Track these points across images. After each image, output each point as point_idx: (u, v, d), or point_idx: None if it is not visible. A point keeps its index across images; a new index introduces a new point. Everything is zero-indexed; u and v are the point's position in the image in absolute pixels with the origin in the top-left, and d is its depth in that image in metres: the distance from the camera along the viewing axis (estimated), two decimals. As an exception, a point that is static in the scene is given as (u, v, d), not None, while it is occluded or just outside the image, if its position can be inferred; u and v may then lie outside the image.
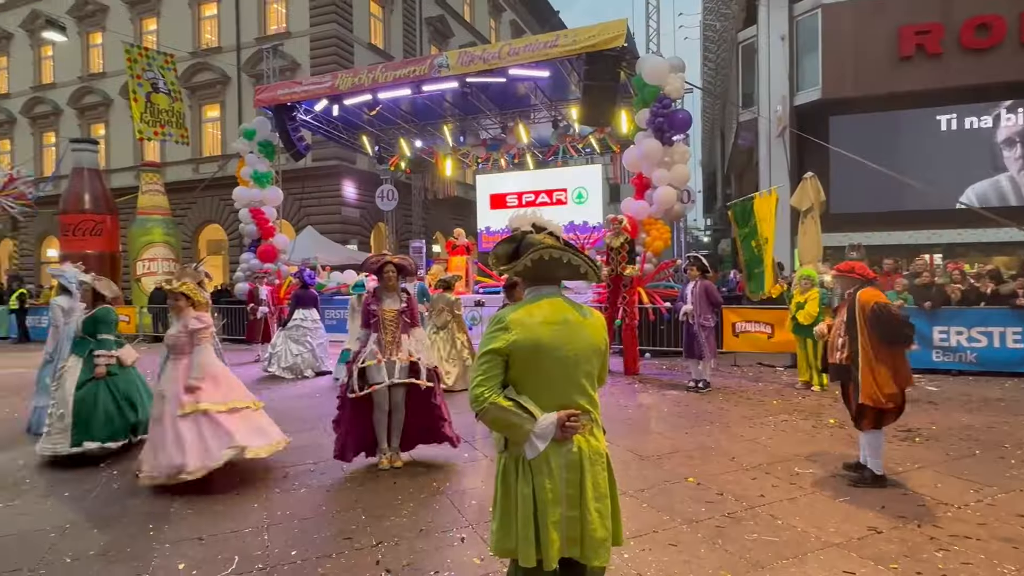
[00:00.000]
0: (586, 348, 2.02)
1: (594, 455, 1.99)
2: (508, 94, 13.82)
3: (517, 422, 1.92)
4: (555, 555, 1.92)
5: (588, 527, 1.94)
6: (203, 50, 20.96)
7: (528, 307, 2.02)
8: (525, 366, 1.96)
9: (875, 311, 3.87)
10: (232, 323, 13.52)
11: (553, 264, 1.99)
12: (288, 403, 7.09)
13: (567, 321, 2.01)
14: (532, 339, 1.94)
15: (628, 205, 10.65)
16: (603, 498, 1.99)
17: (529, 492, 1.94)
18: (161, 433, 4.11)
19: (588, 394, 2.03)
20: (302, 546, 3.27)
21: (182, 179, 20.66)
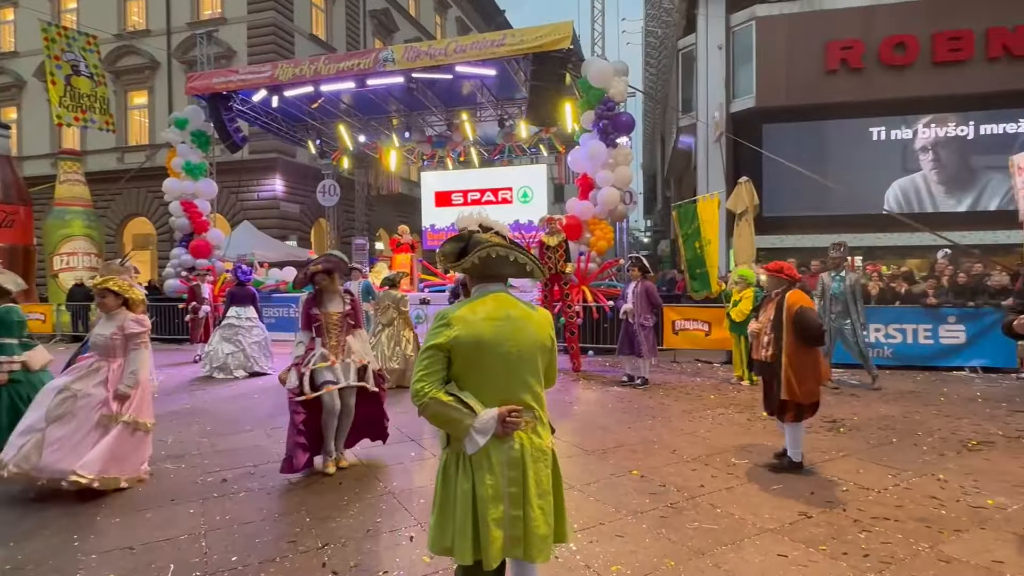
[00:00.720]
0: (530, 345, 2.03)
1: (537, 452, 2.00)
2: (454, 91, 13.76)
3: (457, 417, 1.91)
4: (496, 554, 1.90)
5: (531, 524, 1.94)
6: (129, 33, 19.79)
7: (472, 304, 2.04)
8: (467, 362, 1.97)
9: (798, 314, 4.11)
10: (161, 322, 12.85)
11: (499, 262, 2.02)
12: (222, 405, 6.80)
13: (510, 317, 2.02)
14: (474, 335, 1.95)
15: (573, 205, 10.82)
16: (546, 495, 2.00)
17: (469, 488, 1.93)
18: (66, 434, 3.80)
19: (532, 391, 2.04)
20: (243, 551, 3.15)
21: (106, 169, 19.42)
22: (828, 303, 7.59)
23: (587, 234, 10.61)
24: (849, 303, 7.48)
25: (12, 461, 3.69)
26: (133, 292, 4.19)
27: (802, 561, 2.99)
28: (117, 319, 4.08)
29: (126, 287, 4.15)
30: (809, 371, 4.15)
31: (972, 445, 4.94)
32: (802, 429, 4.41)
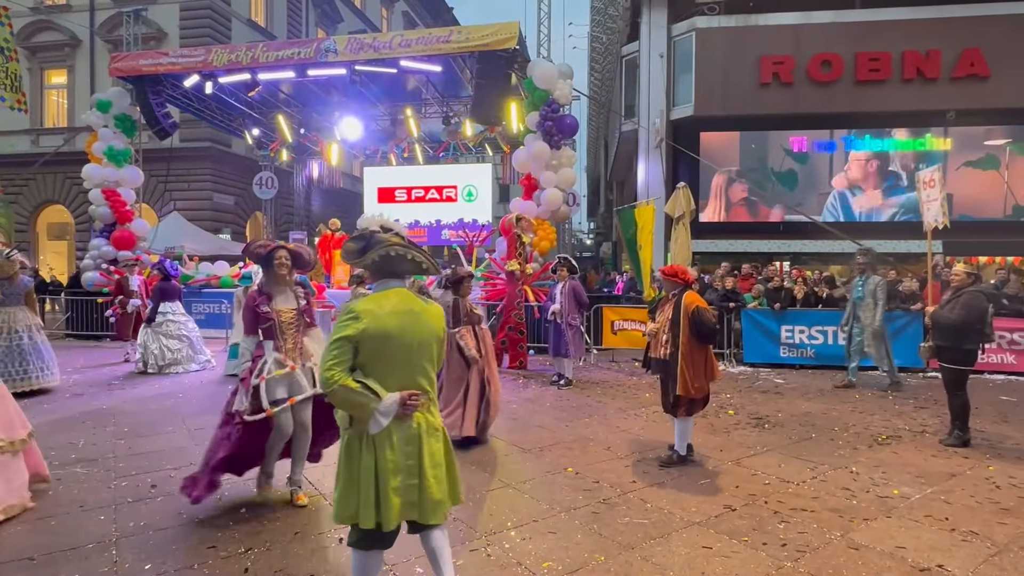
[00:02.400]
0: (427, 335, 2.30)
1: (431, 429, 2.28)
2: (399, 86, 13.56)
3: (363, 401, 2.14)
4: (393, 518, 2.17)
5: (426, 492, 2.22)
6: (47, 6, 18.45)
7: (377, 298, 2.27)
8: (373, 352, 2.19)
9: (695, 313, 4.33)
10: (78, 316, 12.04)
11: (398, 260, 2.28)
12: (142, 404, 6.43)
13: (411, 311, 2.28)
14: (380, 327, 2.18)
15: (517, 205, 10.86)
16: (439, 466, 2.28)
17: (371, 463, 2.17)
18: None
19: (428, 375, 2.31)
20: (158, 559, 2.99)
21: (17, 152, 18.05)
22: (852, 308, 7.76)
23: (530, 234, 10.67)
24: (869, 306, 7.56)
25: None
26: None
27: (725, 552, 3.10)
28: None
29: None
30: (702, 368, 4.40)
31: (882, 439, 5.27)
32: (691, 424, 4.67)
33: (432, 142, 16.96)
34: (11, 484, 3.51)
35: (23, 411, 3.93)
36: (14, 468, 3.58)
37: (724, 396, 7.04)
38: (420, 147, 16.97)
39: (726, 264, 10.96)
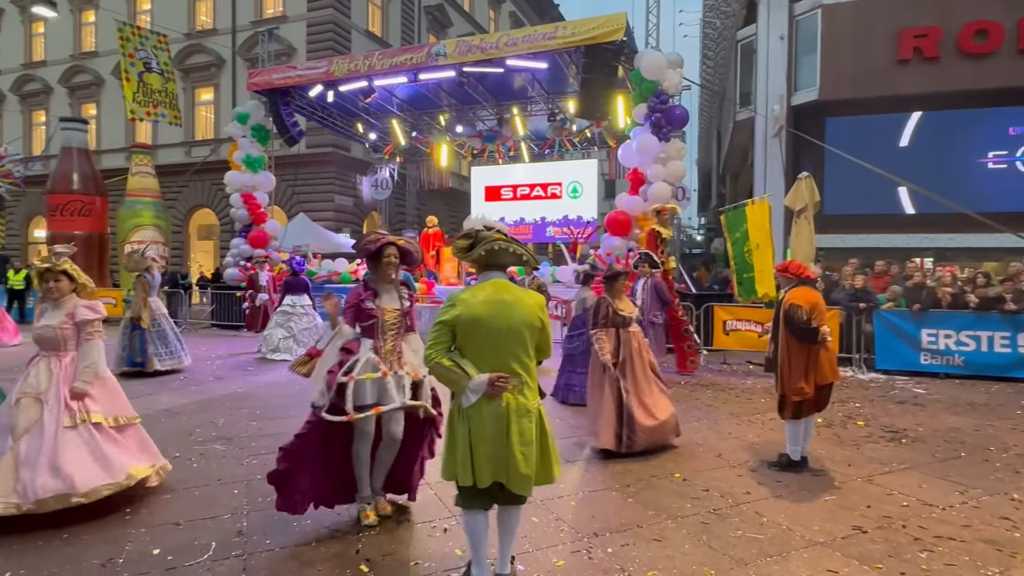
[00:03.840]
0: (519, 323, 2.49)
1: (521, 410, 2.47)
2: (505, 85, 13.72)
3: (455, 378, 2.45)
4: (485, 478, 2.46)
5: (512, 463, 2.43)
6: (198, 32, 20.69)
7: (475, 289, 2.56)
8: (466, 335, 2.48)
9: (788, 311, 4.12)
10: (221, 308, 13.40)
11: (501, 253, 2.55)
12: (272, 390, 7.01)
13: (504, 301, 2.49)
14: (472, 314, 2.46)
15: (623, 201, 10.62)
16: (528, 444, 2.46)
17: (465, 432, 2.47)
18: (39, 447, 3.26)
19: (520, 360, 2.50)
20: (281, 533, 3.22)
21: (174, 162, 20.42)
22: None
23: (636, 230, 10.39)
24: None
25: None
26: (82, 277, 3.64)
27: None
28: (66, 307, 3.51)
29: (77, 270, 3.63)
30: (802, 369, 4.13)
31: (1053, 464, 4.55)
32: (801, 428, 4.31)
33: (537, 139, 17.02)
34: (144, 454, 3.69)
35: (169, 390, 4.37)
36: (143, 439, 3.77)
37: (853, 405, 6.43)
38: (526, 145, 17.09)
39: (854, 260, 10.01)
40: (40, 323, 3.52)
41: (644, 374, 4.81)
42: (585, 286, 6.98)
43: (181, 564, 2.89)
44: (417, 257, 3.53)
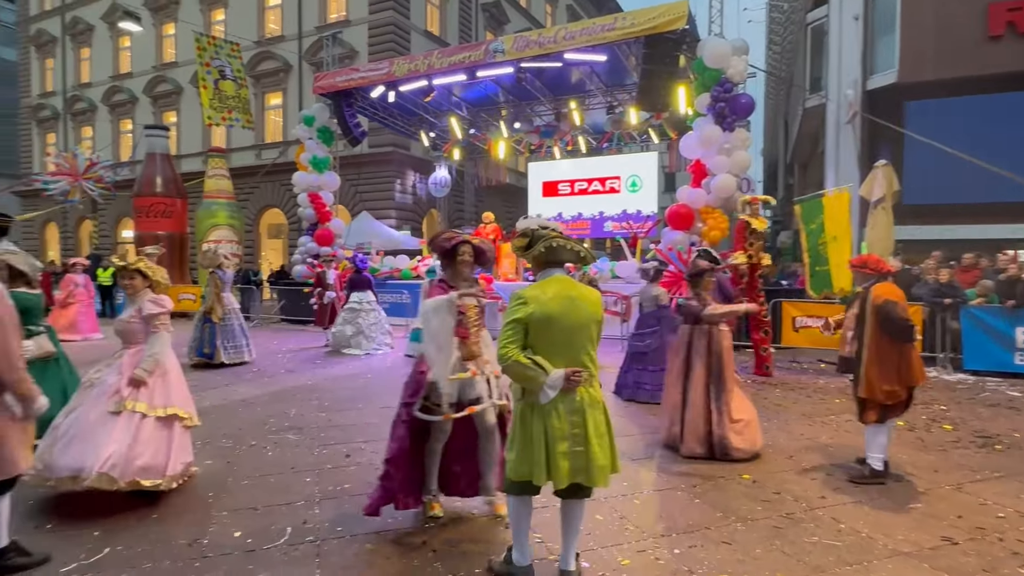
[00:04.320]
0: (586, 318, 2.56)
1: (593, 402, 2.52)
2: (563, 79, 13.62)
3: (533, 375, 2.44)
4: (563, 478, 2.45)
5: (592, 457, 2.46)
6: (267, 39, 21.59)
7: (542, 285, 2.59)
8: (539, 332, 2.49)
9: (883, 307, 3.84)
10: (289, 304, 13.98)
11: (559, 250, 2.60)
12: (339, 382, 7.25)
13: (571, 297, 2.55)
14: (545, 311, 2.48)
15: (685, 193, 10.34)
16: (602, 435, 2.52)
17: (541, 430, 2.46)
18: (74, 426, 3.39)
19: (589, 354, 2.57)
20: (351, 521, 3.33)
21: (245, 164, 21.42)
22: None
23: (699, 224, 10.10)
24: None
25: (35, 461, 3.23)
26: (157, 274, 3.79)
27: (944, 592, 2.63)
28: (139, 302, 3.70)
29: (154, 268, 3.79)
30: (893, 370, 3.85)
31: None
32: (885, 433, 4.03)
33: (595, 133, 16.82)
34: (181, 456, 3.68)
35: (244, 382, 4.58)
36: (185, 442, 3.78)
37: (937, 407, 6.03)
38: (583, 139, 16.93)
39: (937, 253, 9.36)
40: (120, 318, 3.74)
41: (730, 375, 4.57)
42: (653, 282, 6.83)
43: (260, 547, 3.03)
44: (490, 256, 3.48)
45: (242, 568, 2.82)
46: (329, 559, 2.92)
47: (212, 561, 2.89)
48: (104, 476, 3.27)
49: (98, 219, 26.21)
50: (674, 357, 4.72)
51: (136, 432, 3.44)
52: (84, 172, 17.26)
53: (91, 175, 17.46)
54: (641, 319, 6.75)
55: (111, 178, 18.18)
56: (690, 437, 4.42)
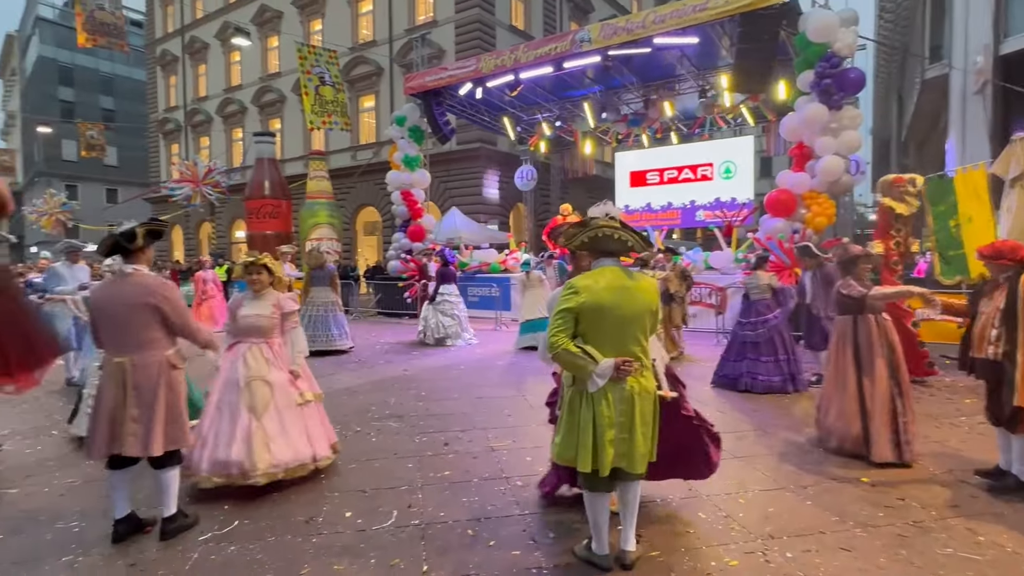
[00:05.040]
0: (640, 308, 2.56)
1: (643, 392, 2.56)
2: (652, 65, 13.25)
3: (582, 364, 2.47)
4: (608, 464, 2.52)
5: (635, 445, 2.54)
6: (360, 44, 22.59)
7: (594, 275, 2.59)
8: (590, 322, 2.51)
9: None
10: (386, 298, 14.61)
11: (605, 240, 2.60)
12: (433, 373, 7.48)
13: (624, 287, 2.55)
14: (596, 301, 2.50)
15: (786, 178, 9.76)
16: (647, 424, 2.58)
17: (590, 417, 2.51)
18: (276, 424, 3.67)
19: (641, 344, 2.58)
20: (452, 507, 3.43)
21: (342, 166, 22.57)
22: None
23: (802, 210, 9.49)
24: None
25: (261, 472, 3.52)
26: (279, 270, 3.99)
27: (1113, 619, 2.31)
28: (268, 298, 3.86)
29: (276, 265, 3.98)
30: None
31: None
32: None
33: (686, 119, 16.23)
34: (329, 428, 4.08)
35: (346, 371, 4.82)
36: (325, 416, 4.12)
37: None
38: (673, 126, 16.39)
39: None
40: (246, 313, 3.78)
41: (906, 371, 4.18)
42: (757, 270, 6.51)
43: (369, 527, 3.19)
44: None
45: (355, 546, 2.98)
46: (434, 542, 3.02)
47: (327, 538, 3.08)
48: (325, 458, 3.84)
49: (215, 221, 28.70)
50: (840, 353, 4.26)
51: (314, 418, 3.93)
52: (203, 178, 18.91)
53: (209, 181, 19.11)
54: (749, 308, 6.46)
55: (226, 183, 19.80)
56: (881, 441, 4.00)
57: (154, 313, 3.01)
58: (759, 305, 6.32)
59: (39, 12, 44.13)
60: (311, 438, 3.80)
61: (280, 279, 3.99)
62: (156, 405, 2.99)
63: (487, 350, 9.27)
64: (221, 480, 3.54)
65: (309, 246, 13.37)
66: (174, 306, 3.06)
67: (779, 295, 6.31)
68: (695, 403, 3.44)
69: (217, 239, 28.91)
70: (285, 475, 3.61)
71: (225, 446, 3.54)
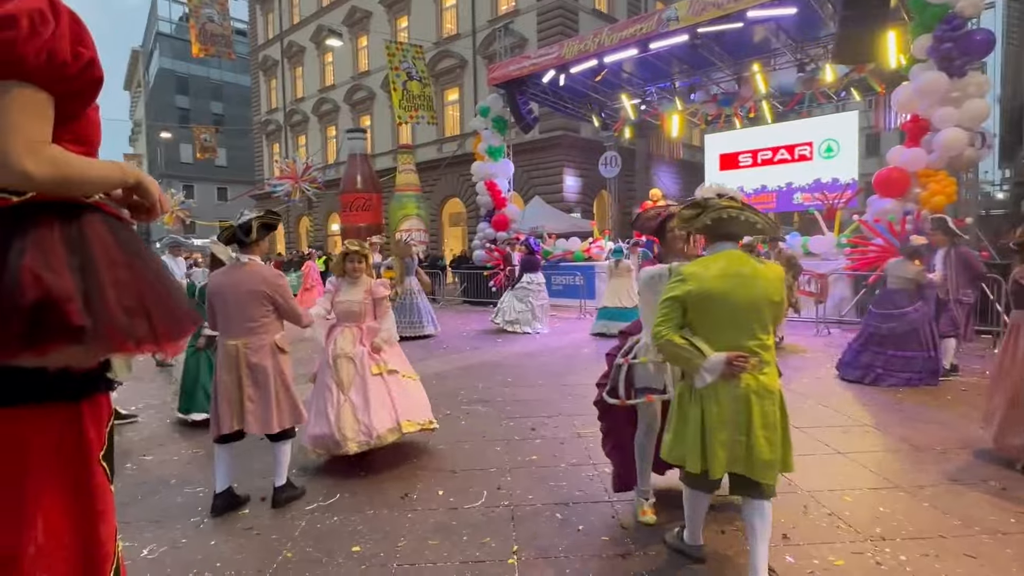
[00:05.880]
0: (758, 298, 2.29)
1: (763, 391, 2.27)
2: (744, 41, 12.55)
3: (687, 356, 2.28)
4: (718, 467, 2.28)
5: (755, 450, 2.25)
6: (444, 39, 23.03)
7: (706, 261, 2.37)
8: (698, 312, 2.31)
9: None
10: (471, 287, 14.92)
11: (730, 221, 2.32)
12: (518, 359, 7.56)
13: (740, 274, 2.29)
14: (705, 289, 2.28)
15: (898, 155, 8.99)
16: (772, 428, 2.27)
17: (698, 414, 2.31)
18: (362, 397, 3.83)
19: (758, 338, 2.30)
20: (540, 491, 3.46)
21: (428, 159, 23.19)
22: None
23: (916, 189, 8.71)
24: None
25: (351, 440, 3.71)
26: (372, 259, 4.18)
27: None
28: (362, 285, 4.04)
29: (368, 252, 4.15)
30: None
31: None
32: None
33: (782, 96, 15.28)
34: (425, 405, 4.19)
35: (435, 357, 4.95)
36: (423, 393, 4.27)
37: None
38: (768, 104, 15.49)
39: None
40: (341, 299, 4.00)
41: None
42: (911, 259, 5.95)
43: (460, 506, 3.29)
44: None
45: (447, 524, 3.09)
46: (523, 524, 3.06)
47: (421, 513, 3.21)
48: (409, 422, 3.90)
49: (312, 216, 30.42)
50: (1011, 350, 3.78)
51: (404, 386, 4.04)
52: (302, 175, 20.08)
53: (307, 177, 20.26)
54: (885, 297, 5.98)
55: (322, 179, 20.92)
56: None
57: (266, 300, 3.27)
58: (897, 296, 5.80)
59: (159, 28, 48.42)
60: (397, 408, 3.88)
61: (371, 266, 4.17)
62: (270, 385, 3.25)
63: (571, 338, 9.25)
64: (321, 452, 3.80)
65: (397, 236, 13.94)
66: (283, 293, 3.32)
67: (923, 288, 5.79)
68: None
69: (315, 232, 30.65)
70: (377, 442, 3.74)
71: (321, 421, 3.77)
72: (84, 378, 1.12)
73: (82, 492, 1.11)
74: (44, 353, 0.98)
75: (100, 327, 1.00)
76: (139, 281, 1.09)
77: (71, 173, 1.06)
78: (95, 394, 1.15)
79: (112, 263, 1.06)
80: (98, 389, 1.16)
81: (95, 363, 1.13)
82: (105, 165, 1.15)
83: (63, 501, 1.08)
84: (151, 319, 1.07)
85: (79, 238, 1.05)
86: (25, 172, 1.01)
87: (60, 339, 0.97)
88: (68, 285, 0.99)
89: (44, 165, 1.02)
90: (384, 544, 2.88)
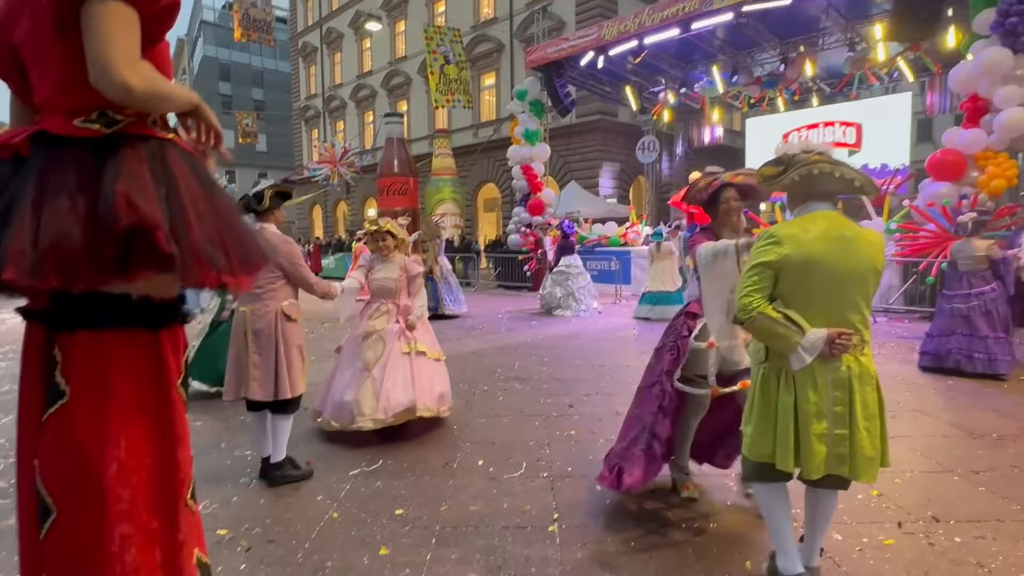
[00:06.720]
0: (863, 266, 1.98)
1: (864, 375, 1.97)
2: (792, 19, 12.15)
3: (784, 333, 1.94)
4: (817, 466, 1.94)
5: (858, 445, 1.93)
6: (481, 23, 22.93)
7: (801, 222, 2.03)
8: (795, 281, 1.98)
9: None
10: (505, 271, 14.95)
11: (823, 178, 2.00)
12: (555, 340, 7.56)
13: (844, 237, 1.97)
14: (804, 254, 1.95)
15: (955, 136, 8.60)
16: (872, 418, 1.97)
17: (791, 402, 1.98)
18: (384, 375, 3.84)
19: (861, 313, 2.00)
20: (578, 464, 3.47)
21: (464, 144, 23.22)
22: None
23: (974, 172, 8.32)
24: None
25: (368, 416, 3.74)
26: (403, 234, 4.13)
27: None
28: (396, 262, 4.04)
29: (399, 229, 4.13)
30: None
31: None
32: None
33: (830, 78, 14.76)
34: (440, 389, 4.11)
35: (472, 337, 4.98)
36: (443, 373, 4.24)
37: None
38: (815, 86, 14.98)
39: None
40: (375, 276, 4.03)
41: None
42: (972, 236, 5.72)
43: (500, 476, 3.32)
44: (761, 192, 2.77)
45: (488, 491, 3.12)
46: (562, 493, 3.08)
47: (461, 481, 3.25)
48: (425, 407, 3.87)
49: (350, 200, 30.81)
50: None
51: (429, 369, 4.02)
52: (340, 159, 20.33)
53: (345, 161, 20.51)
54: (958, 279, 5.75)
55: (359, 163, 21.14)
56: None
57: (273, 266, 3.19)
58: (971, 277, 5.58)
59: (203, 16, 49.50)
60: (417, 388, 3.86)
61: (403, 240, 4.13)
62: (271, 352, 3.20)
63: (608, 322, 9.20)
64: (337, 425, 3.83)
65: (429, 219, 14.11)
66: (292, 259, 3.23)
67: (998, 266, 5.53)
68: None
69: (352, 217, 31.09)
70: (393, 421, 3.77)
71: (341, 393, 3.83)
72: (163, 308, 1.16)
73: (162, 416, 1.16)
74: (133, 279, 1.02)
75: (186, 257, 1.04)
76: (217, 215, 1.12)
77: (161, 89, 1.09)
78: (173, 324, 1.20)
79: (194, 196, 1.10)
80: (176, 320, 1.21)
81: (173, 295, 1.18)
82: (178, 86, 1.19)
83: (144, 423, 1.13)
84: (228, 253, 1.11)
85: (163, 170, 1.09)
86: (126, 83, 1.03)
87: (149, 266, 1.01)
88: (158, 214, 1.02)
89: (141, 79, 1.05)
90: (427, 508, 2.93)
